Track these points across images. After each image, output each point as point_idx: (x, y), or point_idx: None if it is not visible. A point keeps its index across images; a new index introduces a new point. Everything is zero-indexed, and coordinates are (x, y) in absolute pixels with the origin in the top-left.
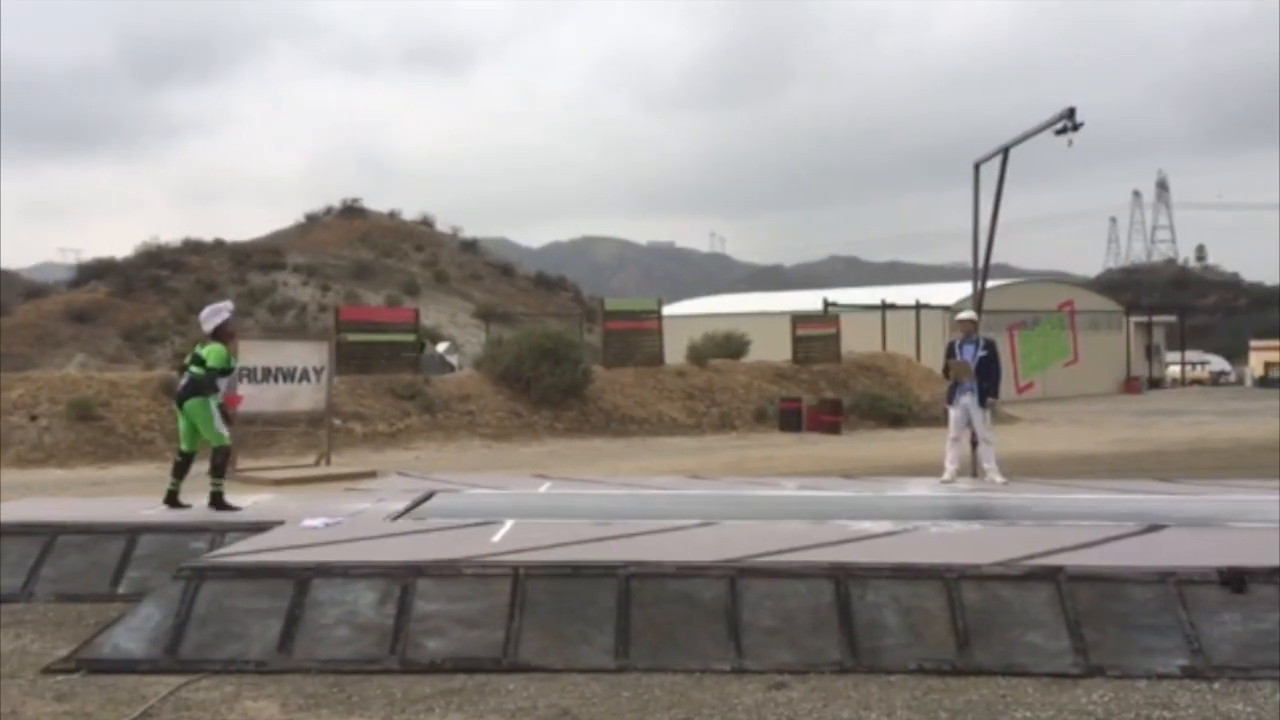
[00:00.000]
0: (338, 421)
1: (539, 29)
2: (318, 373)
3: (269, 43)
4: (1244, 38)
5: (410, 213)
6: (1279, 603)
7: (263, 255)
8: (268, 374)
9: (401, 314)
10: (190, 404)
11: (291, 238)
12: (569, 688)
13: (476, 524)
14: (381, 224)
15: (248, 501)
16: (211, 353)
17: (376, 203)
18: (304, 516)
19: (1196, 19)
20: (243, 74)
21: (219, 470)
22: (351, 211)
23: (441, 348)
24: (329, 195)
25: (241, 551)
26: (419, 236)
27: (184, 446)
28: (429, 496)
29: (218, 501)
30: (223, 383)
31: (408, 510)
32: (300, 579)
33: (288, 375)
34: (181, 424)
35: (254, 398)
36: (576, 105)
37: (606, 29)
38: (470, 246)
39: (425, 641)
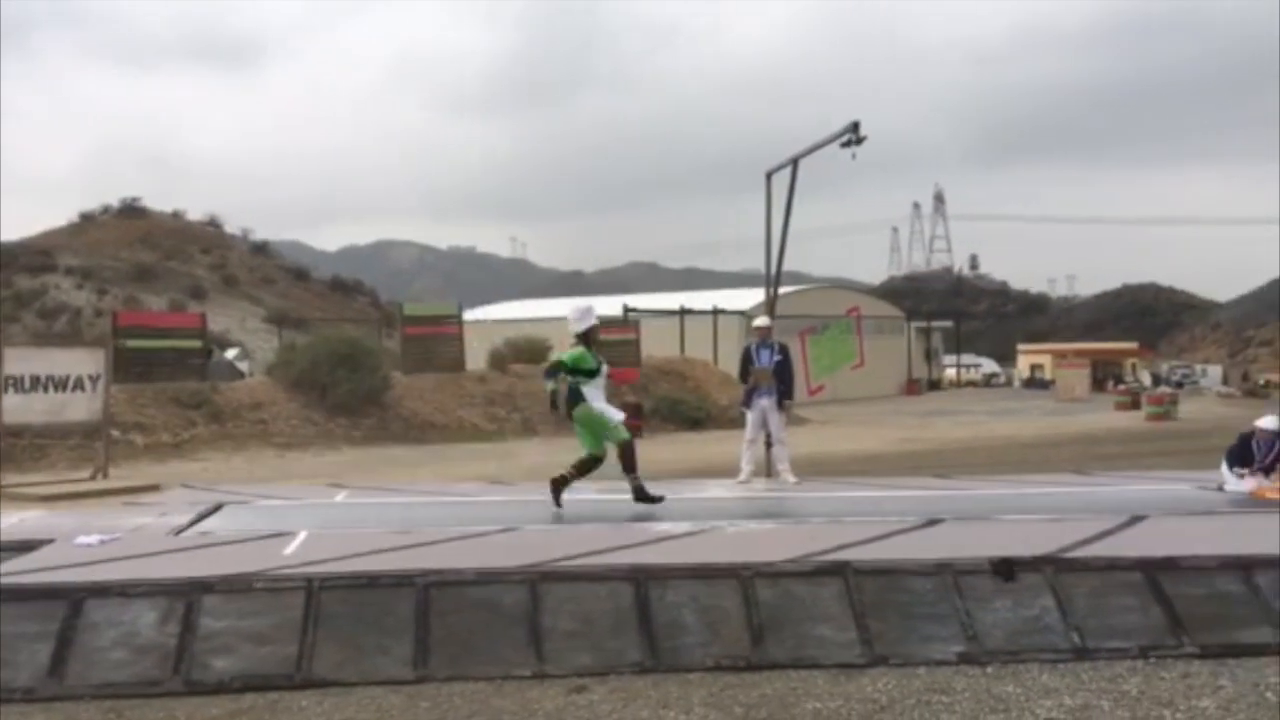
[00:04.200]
0: (116, 433)
1: (331, 27)
2: (93, 381)
3: (38, 32)
4: (1003, 65)
5: (196, 213)
6: (1045, 589)
7: (31, 256)
8: (36, 383)
9: (186, 319)
10: (576, 412)
11: (64, 238)
12: (365, 701)
13: (268, 536)
14: (164, 225)
15: (13, 519)
16: (573, 357)
17: (160, 203)
18: (77, 533)
19: (966, 44)
20: (8, 64)
21: (630, 467)
22: (131, 211)
23: (230, 354)
24: (107, 194)
25: (6, 572)
26: (206, 238)
27: (592, 449)
28: (216, 509)
29: (641, 494)
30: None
31: (193, 524)
32: (73, 599)
33: (59, 384)
34: (578, 430)
35: (21, 408)
36: (372, 106)
37: (402, 30)
38: (262, 249)
39: (212, 660)
